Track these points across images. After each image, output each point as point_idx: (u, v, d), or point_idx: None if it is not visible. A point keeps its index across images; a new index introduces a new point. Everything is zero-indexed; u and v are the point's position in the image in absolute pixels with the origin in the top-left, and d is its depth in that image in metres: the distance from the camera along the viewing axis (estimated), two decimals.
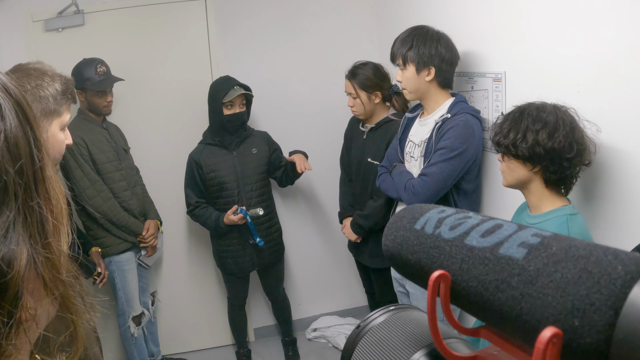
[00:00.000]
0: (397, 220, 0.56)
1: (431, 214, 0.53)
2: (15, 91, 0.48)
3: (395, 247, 0.54)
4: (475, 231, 0.47)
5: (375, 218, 3.00)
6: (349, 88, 3.02)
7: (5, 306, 0.42)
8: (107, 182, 3.09)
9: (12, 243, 0.42)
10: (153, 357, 3.64)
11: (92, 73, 3.04)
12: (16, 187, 0.44)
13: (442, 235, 0.49)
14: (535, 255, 0.41)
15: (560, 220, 1.72)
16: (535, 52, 2.10)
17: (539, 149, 1.69)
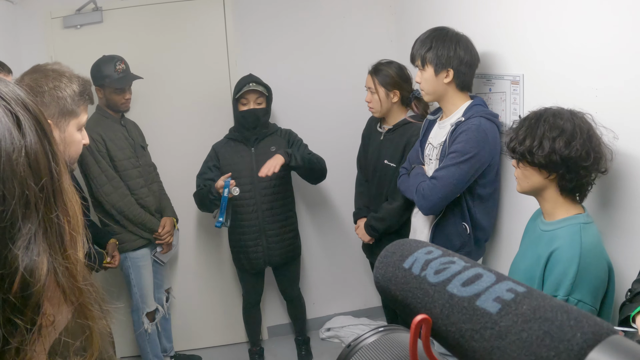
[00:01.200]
0: (387, 255, 0.59)
1: (419, 254, 0.55)
2: (34, 106, 0.51)
3: (385, 281, 0.57)
4: (457, 279, 0.49)
5: (389, 221, 3.00)
6: (369, 82, 3.02)
7: (28, 313, 0.44)
8: (124, 178, 3.14)
9: (33, 254, 0.45)
10: (166, 353, 3.68)
11: (111, 70, 3.09)
12: (37, 201, 0.46)
13: (427, 278, 0.52)
14: (507, 312, 0.44)
15: (574, 229, 1.72)
16: (554, 55, 2.09)
17: (555, 157, 1.68)
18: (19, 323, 0.43)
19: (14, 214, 0.43)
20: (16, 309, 0.43)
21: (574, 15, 1.96)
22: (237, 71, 3.55)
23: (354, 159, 3.46)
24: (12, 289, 0.43)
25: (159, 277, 3.53)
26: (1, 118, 0.45)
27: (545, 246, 1.76)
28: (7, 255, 0.42)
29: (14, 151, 0.44)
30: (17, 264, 0.43)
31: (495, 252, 2.71)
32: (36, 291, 0.44)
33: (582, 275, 1.63)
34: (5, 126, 0.45)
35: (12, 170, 0.44)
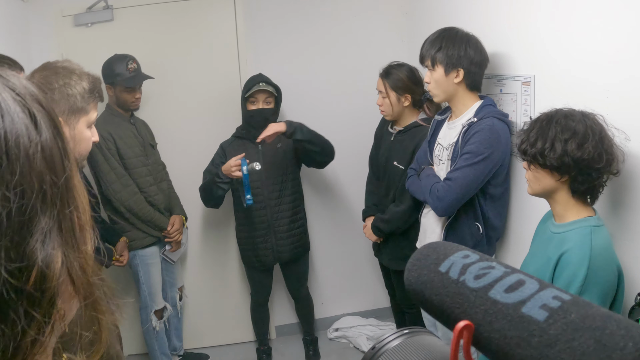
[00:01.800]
0: (421, 259, 0.59)
1: (455, 258, 0.56)
2: (47, 103, 0.52)
3: (419, 285, 0.57)
4: (499, 285, 0.50)
5: (395, 224, 3.01)
6: (380, 86, 3.02)
7: (44, 306, 0.45)
8: (134, 176, 3.16)
9: (49, 248, 0.46)
10: (175, 352, 3.71)
11: (123, 69, 3.11)
12: (54, 196, 0.47)
13: (466, 283, 0.52)
14: (556, 320, 0.44)
15: (584, 232, 1.71)
16: (566, 56, 2.09)
17: (567, 159, 1.68)
18: (36, 316, 0.45)
19: (33, 208, 0.45)
20: (33, 302, 0.44)
21: (586, 16, 1.96)
22: (248, 70, 3.55)
23: (364, 159, 3.47)
24: (30, 282, 0.44)
25: (172, 276, 3.56)
26: (18, 114, 0.46)
27: (555, 248, 1.76)
28: (25, 248, 0.44)
29: (31, 147, 0.46)
30: (35, 258, 0.44)
31: (505, 251, 2.71)
32: (52, 285, 0.46)
33: (591, 278, 1.63)
34: (23, 122, 0.46)
35: (30, 165, 0.45)
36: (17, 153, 0.44)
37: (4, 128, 0.44)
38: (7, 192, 0.43)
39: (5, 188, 0.43)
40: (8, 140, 0.44)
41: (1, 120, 0.45)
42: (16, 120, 0.46)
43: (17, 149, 0.44)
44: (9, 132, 0.44)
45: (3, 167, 0.43)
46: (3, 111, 0.45)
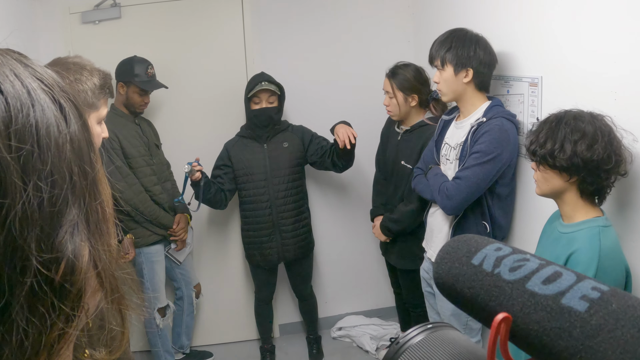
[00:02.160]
0: (451, 252, 0.59)
1: (488, 250, 0.56)
2: (73, 94, 0.52)
3: (450, 278, 0.57)
4: (536, 277, 0.50)
5: (404, 223, 3.03)
6: (387, 86, 3.04)
7: (71, 299, 0.45)
8: (138, 176, 3.17)
9: (77, 239, 0.46)
10: (182, 349, 3.73)
11: (142, 71, 3.14)
12: (82, 187, 0.47)
13: (502, 275, 0.52)
14: (597, 310, 0.44)
15: (593, 232, 1.72)
16: (573, 57, 2.09)
17: (577, 160, 1.69)
18: (64, 308, 0.44)
19: (64, 199, 0.45)
20: (62, 294, 0.44)
21: (593, 17, 1.97)
22: (255, 69, 3.56)
23: (369, 158, 3.49)
24: (59, 274, 0.44)
25: (186, 274, 3.58)
26: (48, 104, 0.46)
27: (563, 248, 1.77)
28: (55, 240, 0.44)
29: (60, 137, 0.46)
30: (65, 249, 0.44)
31: None
32: (80, 277, 0.46)
33: (600, 277, 1.62)
34: (52, 113, 0.46)
35: (60, 155, 0.45)
36: (48, 142, 0.44)
37: (35, 117, 0.44)
38: (39, 182, 0.43)
39: (37, 177, 0.42)
40: (39, 129, 0.44)
41: (32, 109, 0.44)
42: (46, 110, 0.45)
43: (47, 138, 0.44)
44: (40, 121, 0.44)
45: (35, 156, 0.43)
46: (33, 100, 0.45)
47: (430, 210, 2.76)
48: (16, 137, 0.42)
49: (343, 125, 3.17)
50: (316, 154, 3.37)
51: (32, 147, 0.43)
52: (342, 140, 3.07)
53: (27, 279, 0.41)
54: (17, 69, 0.46)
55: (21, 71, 0.46)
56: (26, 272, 0.41)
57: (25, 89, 0.45)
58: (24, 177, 0.41)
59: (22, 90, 0.44)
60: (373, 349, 3.77)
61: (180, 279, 3.56)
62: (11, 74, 0.45)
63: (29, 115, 0.43)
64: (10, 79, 0.44)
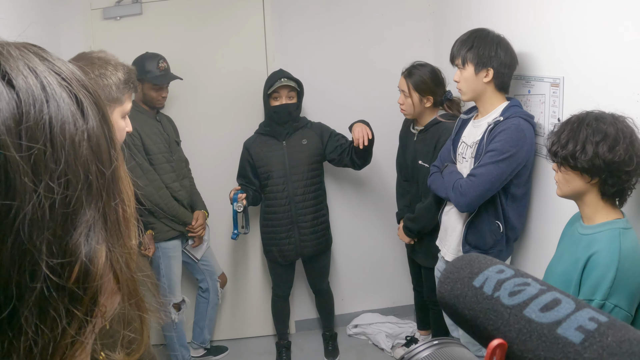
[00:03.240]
0: (454, 271, 0.59)
1: (490, 272, 0.55)
2: (93, 88, 0.50)
3: (452, 298, 0.57)
4: (534, 303, 0.50)
5: (422, 220, 3.06)
6: (403, 85, 3.06)
7: (85, 304, 0.44)
8: (158, 172, 3.21)
9: (93, 241, 0.44)
10: (203, 345, 3.78)
11: (153, 67, 3.17)
12: (100, 187, 0.45)
13: (501, 299, 0.52)
14: (592, 343, 0.44)
15: (613, 234, 1.73)
16: (596, 58, 2.10)
17: (598, 161, 1.70)
18: (77, 314, 0.43)
19: (78, 200, 0.43)
20: (74, 300, 0.43)
21: (616, 18, 1.97)
22: (275, 65, 3.58)
23: (388, 155, 3.54)
24: (71, 278, 0.42)
25: (209, 266, 3.62)
26: (65, 99, 0.45)
27: (583, 250, 1.79)
28: (68, 242, 0.42)
29: (77, 134, 0.44)
30: (78, 253, 0.43)
31: (523, 252, 2.74)
32: (95, 281, 0.44)
33: (620, 280, 1.65)
34: (69, 109, 0.44)
35: (76, 154, 0.43)
36: (62, 141, 0.43)
37: (49, 114, 0.42)
38: (51, 182, 0.41)
39: (49, 177, 0.41)
40: (53, 126, 0.42)
41: (46, 105, 0.43)
42: (62, 105, 0.44)
43: (62, 136, 0.43)
44: (54, 118, 0.43)
45: (47, 155, 0.41)
46: (48, 96, 0.43)
47: (445, 208, 2.79)
48: (27, 135, 0.40)
49: (360, 124, 3.21)
50: (335, 152, 3.40)
51: (45, 146, 0.41)
52: (357, 139, 3.12)
53: (36, 284, 0.40)
54: (32, 62, 0.45)
55: (37, 64, 0.45)
56: (35, 277, 0.40)
57: (39, 83, 0.43)
58: (34, 177, 0.40)
59: (36, 85, 0.43)
60: (388, 347, 3.80)
61: (204, 271, 3.60)
62: (25, 68, 0.44)
63: (42, 111, 0.42)
64: (24, 73, 0.43)
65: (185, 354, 3.56)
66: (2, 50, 0.44)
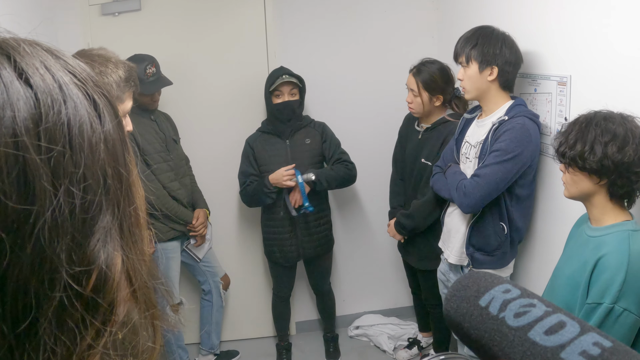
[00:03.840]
0: (460, 289, 0.59)
1: (496, 292, 0.55)
2: (106, 89, 0.48)
3: (458, 317, 0.57)
4: (539, 325, 0.50)
5: (417, 218, 3.03)
6: (412, 84, 3.01)
7: (102, 312, 0.42)
8: (155, 172, 3.16)
9: (110, 248, 0.43)
10: (212, 350, 3.73)
11: (141, 74, 3.05)
12: (117, 192, 0.44)
13: (506, 321, 0.52)
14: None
15: (622, 236, 1.71)
16: (604, 56, 2.07)
17: (607, 162, 1.68)
18: (95, 322, 0.42)
19: (98, 205, 0.42)
20: (92, 308, 0.41)
21: (625, 15, 1.94)
22: (276, 62, 3.55)
23: (389, 155, 3.48)
24: (89, 286, 0.41)
25: (210, 266, 3.58)
26: (81, 100, 0.43)
27: (592, 252, 1.76)
28: (87, 249, 0.41)
29: (94, 136, 0.42)
30: (97, 259, 0.41)
31: (528, 254, 2.72)
32: (112, 289, 0.43)
33: (629, 283, 1.63)
34: (85, 110, 0.43)
35: (94, 157, 0.42)
36: (81, 143, 0.41)
37: (67, 115, 0.41)
38: (71, 186, 0.39)
39: (69, 182, 0.39)
40: (72, 127, 0.41)
41: (64, 105, 0.41)
42: (79, 106, 0.42)
43: (80, 137, 0.41)
44: (73, 119, 0.41)
45: (66, 158, 0.40)
46: (66, 96, 0.41)
47: (448, 210, 2.75)
48: (46, 137, 0.39)
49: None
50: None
51: (64, 148, 0.40)
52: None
53: (56, 293, 0.39)
54: (47, 60, 0.43)
55: (52, 63, 0.43)
56: (55, 286, 0.39)
57: (57, 83, 0.42)
58: (54, 181, 0.39)
59: (54, 85, 0.41)
60: (390, 349, 3.78)
61: (205, 272, 3.57)
62: (42, 66, 0.42)
63: (61, 112, 0.40)
64: (40, 72, 0.41)
65: (183, 356, 3.54)
66: (18, 47, 0.42)
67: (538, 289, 2.33)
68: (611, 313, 1.65)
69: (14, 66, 0.40)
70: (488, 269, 2.56)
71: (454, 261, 2.67)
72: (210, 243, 3.55)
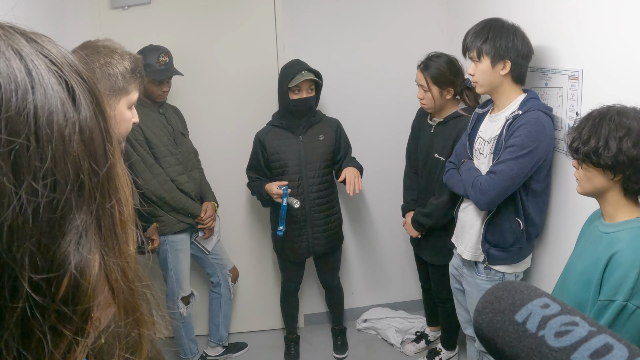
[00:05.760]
0: (494, 301, 0.54)
1: (534, 306, 0.51)
2: (88, 75, 0.45)
3: (490, 331, 0.53)
4: (584, 348, 0.45)
5: (436, 217, 3.00)
6: (421, 80, 2.97)
7: (76, 321, 0.39)
8: (163, 165, 3.14)
9: (85, 250, 0.39)
10: (221, 342, 3.72)
11: (153, 60, 3.07)
12: (92, 187, 0.40)
13: (546, 340, 0.48)
14: None
15: (636, 233, 1.68)
16: (616, 50, 2.03)
17: (622, 157, 1.64)
18: (66, 334, 0.38)
19: (67, 203, 0.38)
20: (62, 317, 0.38)
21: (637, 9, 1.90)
22: (286, 57, 3.52)
23: (399, 150, 3.46)
24: (59, 293, 0.37)
25: (219, 259, 3.58)
26: (53, 86, 0.39)
27: (605, 248, 1.73)
28: (55, 252, 0.37)
29: (66, 127, 0.39)
30: (67, 264, 0.37)
31: (544, 248, 2.68)
32: (86, 295, 0.39)
33: None
34: (58, 97, 0.39)
35: (65, 149, 0.38)
36: (49, 134, 0.37)
37: (34, 102, 0.37)
38: (35, 183, 0.36)
39: (32, 178, 0.36)
40: (38, 117, 0.37)
41: (31, 92, 0.37)
42: (50, 93, 0.39)
43: (49, 128, 0.37)
44: (40, 107, 0.37)
45: (30, 151, 0.36)
46: (34, 82, 0.38)
47: (462, 205, 2.72)
48: (7, 128, 0.35)
49: (353, 170, 3.20)
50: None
51: (28, 140, 0.36)
52: (349, 186, 3.10)
53: (17, 303, 0.35)
54: (18, 43, 0.40)
55: (23, 46, 0.40)
56: (16, 295, 0.35)
57: (24, 66, 0.38)
58: (14, 177, 0.35)
59: (20, 69, 0.38)
60: (398, 342, 3.76)
61: (214, 265, 3.56)
62: (8, 49, 0.38)
63: (27, 99, 0.37)
64: (5, 55, 0.38)
65: (193, 348, 3.54)
66: None
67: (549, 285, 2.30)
68: (624, 311, 1.62)
69: None
70: (504, 265, 2.55)
71: (469, 257, 2.63)
72: (218, 236, 3.53)
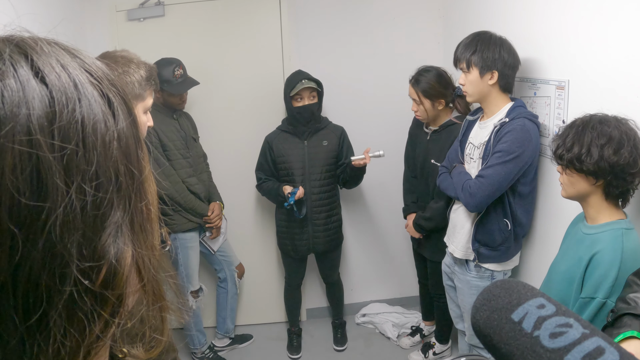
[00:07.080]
0: (491, 299, 0.54)
1: (530, 307, 0.51)
2: (122, 89, 0.47)
3: (487, 328, 0.53)
4: (577, 350, 0.45)
5: (436, 220, 3.01)
6: (413, 94, 2.99)
7: (110, 305, 0.42)
8: (175, 167, 3.17)
9: (121, 242, 0.42)
10: (228, 334, 3.74)
11: (169, 75, 3.09)
12: (129, 188, 0.43)
13: (541, 340, 0.47)
14: None
15: (616, 234, 1.69)
16: (601, 61, 2.03)
17: (604, 164, 1.66)
18: (104, 315, 0.41)
19: (109, 202, 0.41)
20: (101, 299, 0.41)
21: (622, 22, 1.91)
22: (292, 66, 3.55)
23: (398, 152, 3.48)
24: (99, 279, 0.40)
25: (226, 256, 3.60)
26: (95, 98, 0.42)
27: (586, 249, 1.74)
28: (98, 244, 0.40)
29: (107, 134, 0.42)
30: (107, 254, 0.40)
31: (531, 247, 2.69)
32: (122, 281, 0.42)
33: (621, 279, 1.60)
34: (100, 108, 0.42)
35: (107, 154, 0.41)
36: (94, 141, 0.40)
37: (81, 113, 0.40)
38: (83, 184, 0.39)
39: (81, 179, 0.39)
40: (85, 126, 0.40)
41: (78, 104, 0.40)
42: (94, 105, 0.41)
43: (94, 135, 0.40)
44: (86, 117, 0.40)
45: (79, 156, 0.39)
46: (81, 94, 0.41)
47: (454, 207, 2.73)
48: (60, 135, 0.38)
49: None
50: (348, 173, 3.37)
51: (77, 146, 0.39)
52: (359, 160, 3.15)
53: (66, 287, 0.38)
54: (64, 59, 0.42)
55: (68, 62, 0.42)
56: (66, 280, 0.38)
57: (72, 81, 0.41)
58: (67, 178, 0.38)
59: (69, 83, 0.40)
60: (395, 336, 3.77)
61: (221, 261, 3.58)
62: (57, 64, 0.41)
63: (75, 110, 0.39)
64: (56, 71, 0.40)
65: (201, 339, 3.56)
66: (35, 46, 0.41)
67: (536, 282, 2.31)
68: (604, 307, 1.64)
69: (31, 65, 0.39)
70: (493, 263, 2.56)
71: (460, 255, 2.65)
72: (224, 236, 3.55)
